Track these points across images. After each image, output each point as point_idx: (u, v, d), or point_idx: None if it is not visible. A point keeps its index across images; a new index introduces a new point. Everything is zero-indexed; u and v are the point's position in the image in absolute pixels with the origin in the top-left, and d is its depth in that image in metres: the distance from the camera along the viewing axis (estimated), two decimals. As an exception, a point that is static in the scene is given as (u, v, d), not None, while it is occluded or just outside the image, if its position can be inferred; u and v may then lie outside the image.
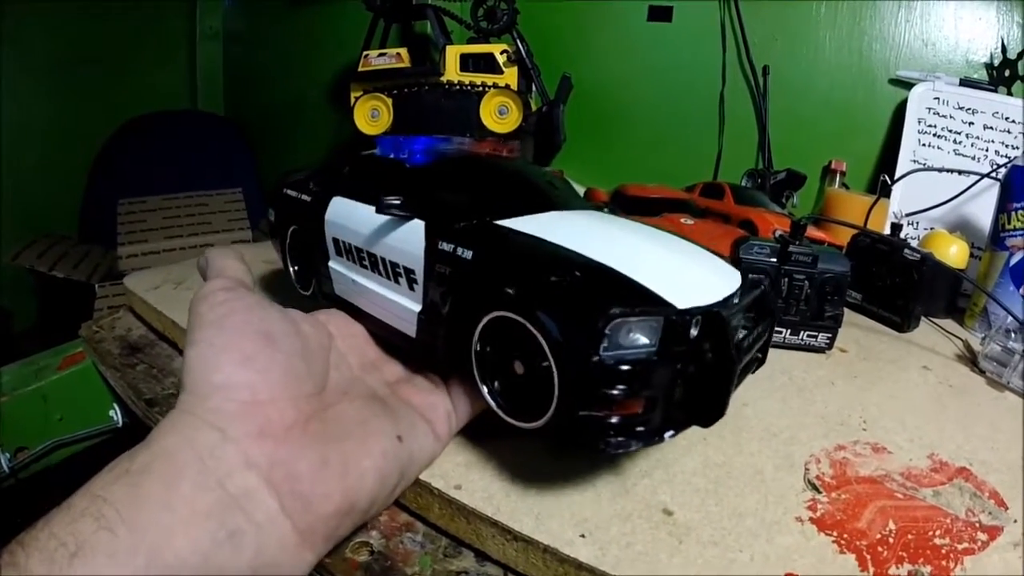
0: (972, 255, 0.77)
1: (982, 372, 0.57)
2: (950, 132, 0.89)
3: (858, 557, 0.31)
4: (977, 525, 0.36)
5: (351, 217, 0.43)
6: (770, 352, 0.43)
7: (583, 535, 0.31)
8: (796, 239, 0.55)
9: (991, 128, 0.88)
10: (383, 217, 0.38)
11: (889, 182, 0.85)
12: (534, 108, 1.05)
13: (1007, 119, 0.87)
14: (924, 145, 0.90)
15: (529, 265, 0.32)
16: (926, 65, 0.96)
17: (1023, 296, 0.66)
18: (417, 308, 0.37)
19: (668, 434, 0.31)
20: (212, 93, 2.04)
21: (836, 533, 0.33)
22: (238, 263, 0.38)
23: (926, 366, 0.58)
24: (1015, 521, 0.36)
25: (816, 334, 0.56)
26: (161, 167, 1.80)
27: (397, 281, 0.39)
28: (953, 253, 0.73)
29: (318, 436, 0.29)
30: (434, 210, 0.37)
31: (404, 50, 1.11)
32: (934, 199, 0.85)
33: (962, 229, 0.81)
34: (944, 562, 0.32)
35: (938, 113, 0.91)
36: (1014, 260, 0.67)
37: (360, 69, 1.14)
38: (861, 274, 0.67)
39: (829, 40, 1.01)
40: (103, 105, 1.80)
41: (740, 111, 1.06)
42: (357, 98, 1.16)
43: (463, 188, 0.41)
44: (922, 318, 0.68)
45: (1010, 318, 0.59)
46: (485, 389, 0.34)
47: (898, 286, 0.65)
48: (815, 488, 0.37)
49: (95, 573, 0.21)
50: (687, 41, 1.10)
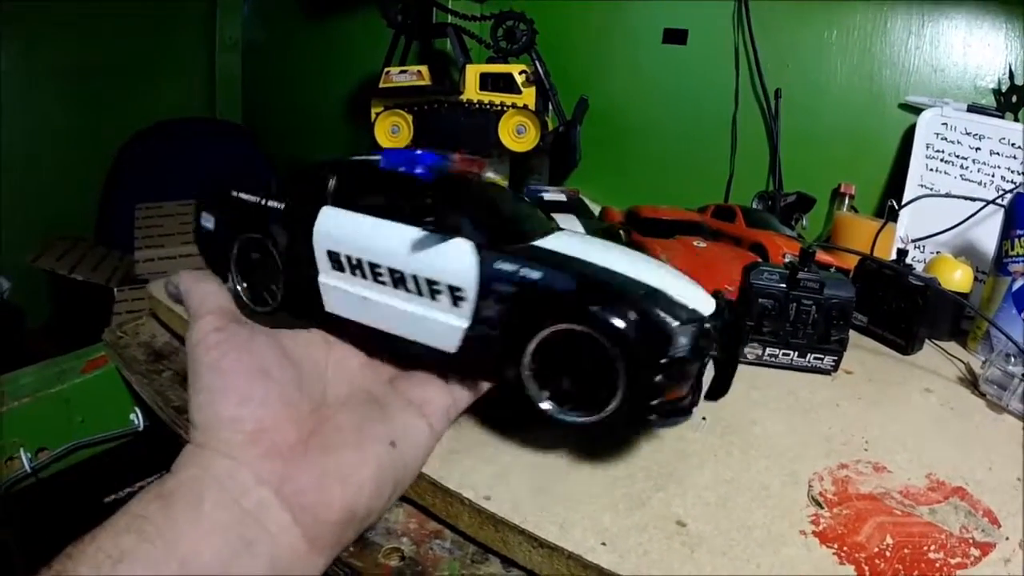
0: (976, 279, 0.79)
1: (983, 395, 0.59)
2: (957, 157, 0.92)
3: (857, 569, 0.34)
4: (971, 541, 0.38)
5: (360, 231, 0.41)
6: (778, 373, 0.51)
7: (604, 543, 0.34)
8: (805, 266, 0.58)
9: (998, 154, 0.90)
10: (412, 233, 0.39)
11: (897, 207, 0.88)
12: (551, 128, 1.09)
13: (1014, 145, 0.89)
14: (931, 170, 0.93)
15: (600, 285, 0.37)
16: (935, 91, 0.98)
17: (1025, 321, 0.68)
18: (463, 324, 0.38)
19: (695, 409, 0.40)
20: (230, 102, 2.08)
21: (837, 546, 0.36)
22: (218, 289, 0.39)
23: (928, 388, 0.60)
24: (1007, 538, 0.39)
25: (822, 357, 0.58)
26: (178, 174, 1.81)
27: (434, 298, 0.39)
28: (957, 278, 0.75)
29: (318, 449, 0.32)
30: (484, 230, 0.39)
31: (425, 68, 1.14)
32: (940, 223, 0.88)
33: (967, 253, 0.83)
34: (938, 575, 0.35)
35: (946, 138, 0.93)
36: (1016, 286, 0.69)
37: (381, 85, 1.17)
38: (867, 297, 0.70)
39: (840, 65, 1.04)
40: (122, 111, 1.84)
41: (752, 134, 1.09)
42: (378, 114, 1.19)
43: (491, 208, 0.43)
44: (926, 341, 0.71)
45: (1011, 343, 0.62)
46: (545, 394, 0.37)
47: (903, 310, 0.67)
48: (818, 504, 0.40)
49: (135, 574, 0.25)
50: (701, 64, 1.13)
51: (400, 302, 0.40)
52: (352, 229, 0.42)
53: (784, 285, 0.57)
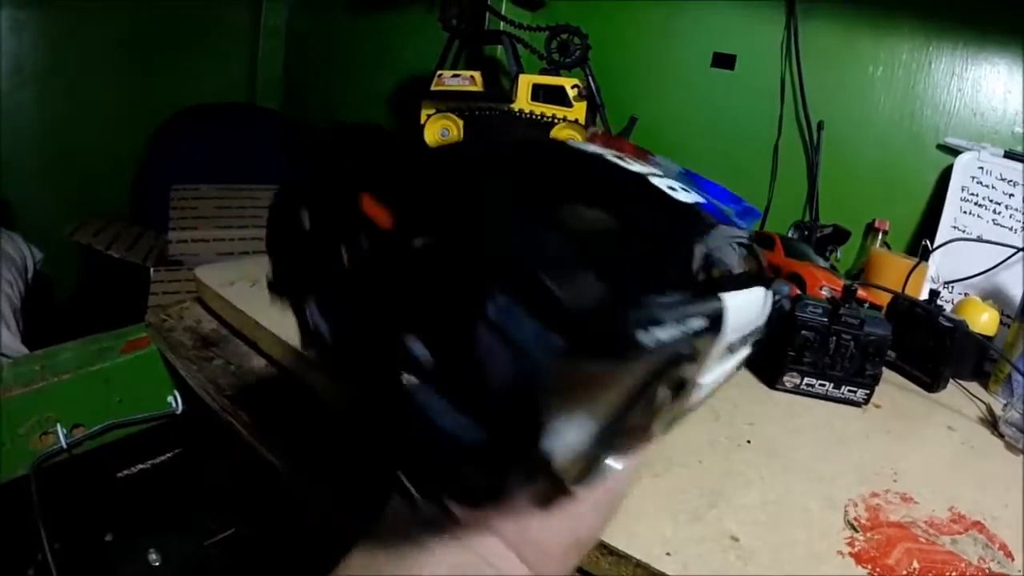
0: (1002, 323, 0.83)
1: (1001, 436, 0.64)
2: (991, 202, 0.95)
3: (889, 589, 0.39)
4: (987, 571, 0.43)
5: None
6: (813, 402, 0.60)
7: (668, 553, 0.39)
8: (847, 303, 0.62)
9: (1031, 201, 0.93)
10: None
11: (931, 248, 0.91)
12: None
13: (1047, 193, 0.92)
14: (965, 212, 0.96)
15: None
16: (973, 134, 1.01)
17: (1045, 367, 0.72)
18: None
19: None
20: (270, 89, 2.10)
21: (870, 567, 0.40)
22: None
23: (951, 427, 0.65)
24: (1019, 572, 0.43)
25: (855, 390, 0.63)
26: (214, 157, 1.83)
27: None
28: (984, 320, 0.79)
29: None
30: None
31: (478, 74, 1.18)
32: (971, 266, 0.91)
33: (994, 297, 0.87)
34: (958, 600, 0.39)
35: (981, 182, 0.96)
36: (1040, 334, 0.73)
37: (433, 88, 1.21)
38: (897, 334, 0.74)
39: (883, 101, 1.07)
40: (162, 91, 1.86)
41: (792, 163, 1.13)
42: (429, 115, 1.23)
43: None
44: (950, 380, 0.75)
45: (1031, 389, 0.66)
46: None
47: (931, 349, 0.71)
48: (853, 528, 0.44)
49: None
50: (747, 90, 1.17)
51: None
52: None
53: (826, 319, 0.61)
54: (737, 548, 0.40)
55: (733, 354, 0.31)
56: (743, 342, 0.31)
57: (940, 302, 0.76)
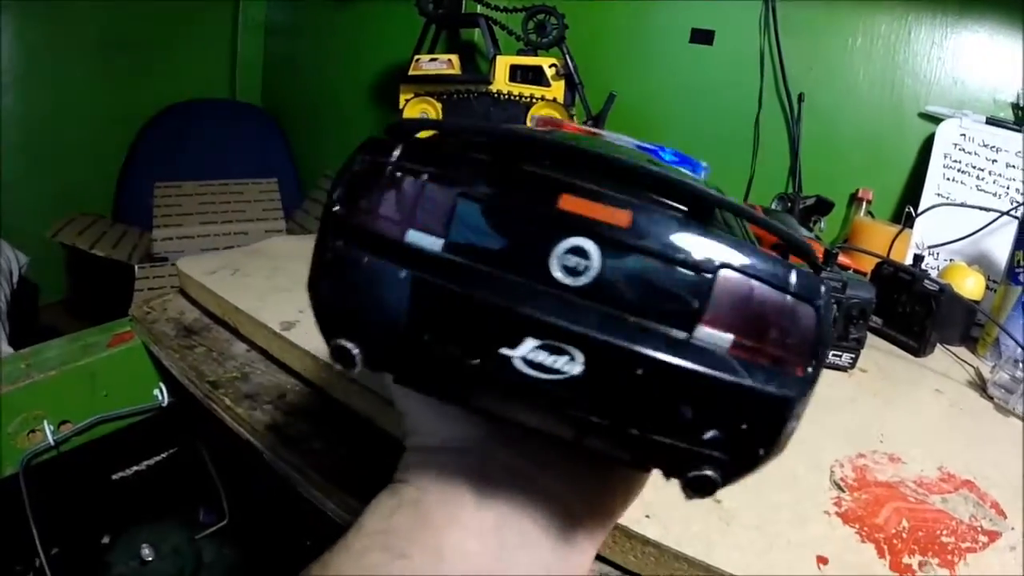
0: (988, 287, 0.82)
1: (990, 398, 0.62)
2: (974, 168, 0.94)
3: (876, 547, 0.37)
4: (979, 529, 0.41)
5: None
6: None
7: (648, 516, 0.37)
8: (828, 266, 0.61)
9: (1013, 166, 0.92)
10: None
11: (914, 214, 0.90)
12: (577, 122, 1.11)
13: (1030, 158, 0.91)
14: (948, 179, 0.95)
15: None
16: (954, 102, 1.00)
17: (1033, 329, 0.71)
18: None
19: None
20: (251, 83, 2.09)
21: (858, 526, 0.39)
22: None
23: (939, 389, 0.63)
24: (1012, 528, 0.42)
25: (841, 354, 0.61)
26: (197, 154, 1.84)
27: None
28: (970, 285, 0.78)
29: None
30: None
31: (455, 57, 1.17)
32: (955, 232, 0.90)
33: (980, 262, 0.86)
34: (949, 556, 0.38)
35: (963, 149, 0.95)
36: (1027, 295, 0.72)
37: (411, 72, 1.19)
38: (882, 300, 0.73)
39: (863, 72, 1.06)
40: (143, 89, 1.85)
41: (773, 136, 1.12)
42: (407, 100, 1.21)
43: None
44: (937, 345, 0.74)
45: (1019, 349, 0.65)
46: None
47: (917, 314, 0.70)
48: (840, 488, 0.43)
49: None
50: (726, 65, 1.16)
51: None
52: None
53: (808, 285, 0.60)
54: (719, 510, 0.38)
55: None
56: None
57: (925, 267, 0.75)
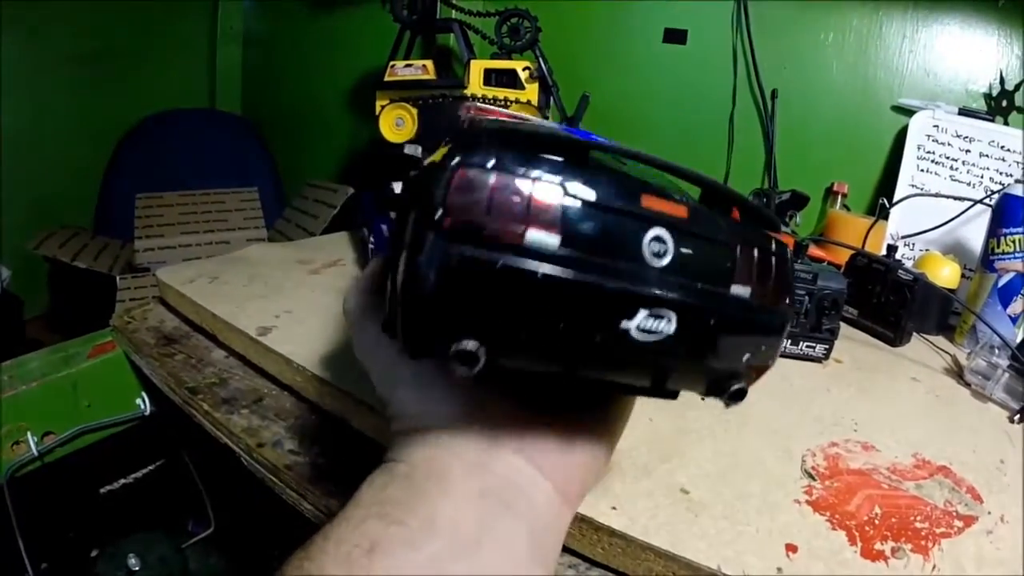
0: (964, 276, 0.82)
1: (967, 385, 0.62)
2: (947, 159, 0.95)
3: (848, 534, 0.36)
4: (954, 514, 0.41)
5: None
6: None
7: (614, 507, 0.36)
8: (798, 258, 0.60)
9: (987, 156, 0.92)
10: None
11: (888, 206, 0.90)
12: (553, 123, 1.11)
13: (1003, 148, 0.92)
14: (922, 171, 0.95)
15: None
16: (927, 94, 1.01)
17: (1009, 316, 0.71)
18: None
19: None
20: (230, 93, 2.08)
21: (829, 514, 0.38)
22: None
23: (915, 378, 0.63)
24: (989, 513, 0.41)
25: (814, 345, 0.61)
26: (178, 164, 1.82)
27: None
28: (945, 274, 0.78)
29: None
30: None
31: (430, 62, 1.16)
32: (930, 222, 0.90)
33: (955, 251, 0.86)
34: (923, 542, 0.37)
35: (937, 140, 0.96)
36: (1002, 282, 0.72)
37: (386, 79, 1.19)
38: (857, 291, 0.72)
39: (836, 67, 1.06)
40: (122, 101, 1.83)
41: (748, 132, 1.12)
42: (383, 107, 1.21)
43: None
44: (914, 334, 0.73)
45: (995, 336, 0.64)
46: None
47: (892, 304, 0.70)
48: (811, 476, 0.42)
49: (397, 562, 0.22)
50: (700, 64, 1.16)
51: None
52: None
53: (779, 275, 0.59)
54: (687, 500, 0.37)
55: None
56: None
57: (900, 258, 0.75)
